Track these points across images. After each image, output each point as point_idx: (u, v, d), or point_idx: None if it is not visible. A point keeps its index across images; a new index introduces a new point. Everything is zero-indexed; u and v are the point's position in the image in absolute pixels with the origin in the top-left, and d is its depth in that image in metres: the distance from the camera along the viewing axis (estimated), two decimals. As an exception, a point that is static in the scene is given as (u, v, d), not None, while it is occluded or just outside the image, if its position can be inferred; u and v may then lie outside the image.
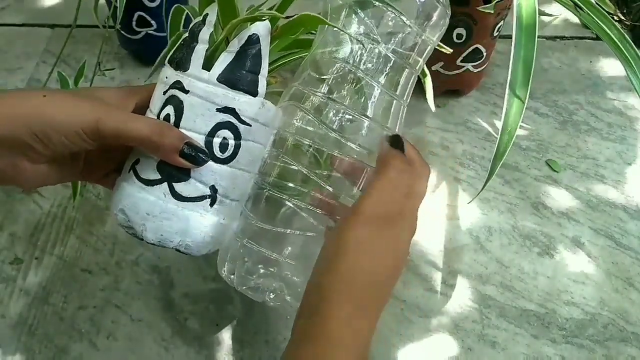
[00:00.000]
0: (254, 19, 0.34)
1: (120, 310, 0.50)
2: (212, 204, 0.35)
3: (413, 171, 0.35)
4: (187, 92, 0.34)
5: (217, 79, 0.34)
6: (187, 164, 0.33)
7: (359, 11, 0.36)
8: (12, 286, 0.52)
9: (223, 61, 0.34)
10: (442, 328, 0.50)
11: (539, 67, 0.76)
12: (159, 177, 0.34)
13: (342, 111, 0.37)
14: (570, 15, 0.82)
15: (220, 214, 0.36)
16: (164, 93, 0.35)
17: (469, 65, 0.65)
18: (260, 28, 0.34)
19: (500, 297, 0.52)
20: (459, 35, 0.61)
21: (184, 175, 0.34)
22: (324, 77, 0.37)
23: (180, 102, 0.34)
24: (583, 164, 0.64)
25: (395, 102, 0.38)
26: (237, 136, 0.35)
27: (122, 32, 0.71)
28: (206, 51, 0.35)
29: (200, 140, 0.34)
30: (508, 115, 0.45)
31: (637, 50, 0.50)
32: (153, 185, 0.34)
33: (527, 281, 0.53)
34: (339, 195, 0.38)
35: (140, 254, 0.54)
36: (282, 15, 0.36)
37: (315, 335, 0.30)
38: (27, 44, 0.80)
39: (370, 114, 0.37)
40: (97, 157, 0.38)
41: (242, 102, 0.34)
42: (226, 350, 0.48)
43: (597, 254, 0.55)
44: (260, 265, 0.38)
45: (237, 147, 0.35)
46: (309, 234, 0.37)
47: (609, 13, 0.51)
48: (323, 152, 0.37)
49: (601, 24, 0.51)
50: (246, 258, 0.38)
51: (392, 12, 0.36)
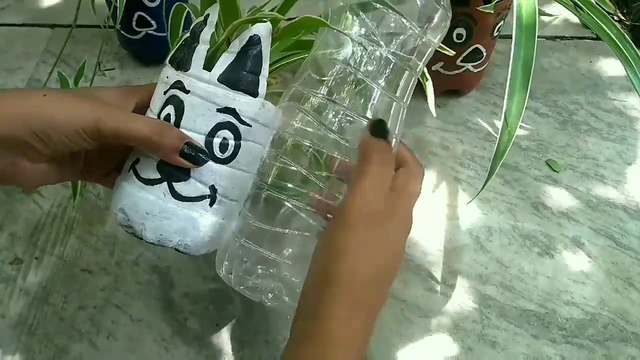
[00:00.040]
0: (255, 20, 0.34)
1: (120, 310, 0.50)
2: (211, 204, 0.35)
3: (393, 160, 0.34)
4: (187, 92, 0.34)
5: (218, 80, 0.34)
6: (187, 163, 0.33)
7: (360, 13, 0.36)
8: (12, 286, 0.52)
9: (224, 62, 0.34)
10: (442, 328, 0.50)
11: (539, 67, 0.76)
12: (158, 176, 0.34)
13: (342, 112, 0.37)
14: (570, 15, 0.82)
15: (220, 214, 0.36)
16: (165, 93, 0.35)
17: (469, 65, 0.65)
18: (262, 29, 0.34)
19: (500, 297, 0.52)
20: (459, 35, 0.61)
21: (184, 175, 0.34)
22: (324, 78, 0.37)
23: (181, 102, 0.34)
24: (583, 164, 0.64)
25: (395, 103, 0.38)
26: (237, 136, 0.35)
27: (122, 32, 0.71)
28: (207, 51, 0.35)
29: (200, 140, 0.34)
30: (508, 115, 0.45)
31: (637, 50, 0.50)
32: (153, 185, 0.34)
33: (527, 281, 0.53)
34: (338, 197, 0.38)
35: (140, 254, 0.54)
36: (284, 17, 0.36)
37: (315, 336, 0.30)
38: (27, 44, 0.80)
39: (369, 115, 0.37)
40: (97, 156, 0.38)
41: (242, 102, 0.34)
42: (226, 350, 0.48)
43: (597, 254, 0.55)
44: (258, 265, 0.38)
45: (237, 147, 0.35)
46: (307, 235, 0.37)
47: (609, 13, 0.51)
48: (322, 153, 0.37)
49: (601, 24, 0.51)
50: (245, 258, 0.38)
51: (393, 14, 0.36)
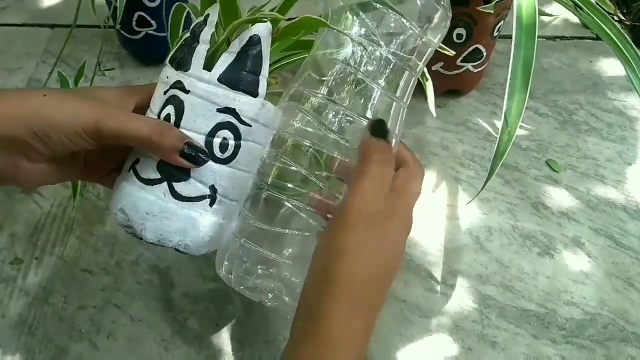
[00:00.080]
0: (255, 20, 0.34)
1: (120, 310, 0.50)
2: (211, 204, 0.35)
3: (393, 160, 0.34)
4: (187, 92, 0.34)
5: (218, 80, 0.34)
6: (187, 163, 0.33)
7: (360, 13, 0.36)
8: (12, 286, 0.52)
9: (224, 62, 0.34)
10: (442, 328, 0.50)
11: (539, 67, 0.76)
12: (158, 176, 0.34)
13: (342, 112, 0.37)
14: (570, 15, 0.82)
15: (220, 214, 0.36)
16: (165, 93, 0.35)
17: (469, 65, 0.65)
18: (262, 29, 0.34)
19: (500, 297, 0.52)
20: (459, 35, 0.61)
21: (184, 175, 0.34)
22: (324, 78, 0.37)
23: (181, 102, 0.34)
24: (583, 164, 0.64)
25: (395, 103, 0.38)
26: (237, 136, 0.35)
27: (122, 32, 0.71)
28: (207, 51, 0.35)
29: (200, 140, 0.34)
30: (508, 115, 0.45)
31: (637, 50, 0.50)
32: (153, 185, 0.34)
33: (527, 281, 0.53)
34: (338, 197, 0.38)
35: (140, 254, 0.54)
36: (284, 17, 0.36)
37: (314, 336, 0.30)
38: (27, 44, 0.80)
39: (369, 115, 0.37)
40: (97, 156, 0.38)
41: (242, 102, 0.34)
42: (226, 350, 0.48)
43: (597, 254, 0.55)
44: (258, 265, 0.38)
45: (237, 147, 0.35)
46: (307, 235, 0.37)
47: (609, 13, 0.51)
48: (322, 153, 0.37)
49: (601, 24, 0.51)
50: (245, 258, 0.38)
51: (393, 14, 0.36)
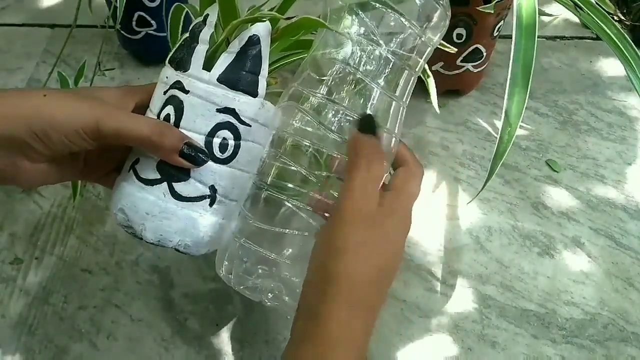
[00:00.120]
0: (254, 20, 0.34)
1: (120, 310, 0.50)
2: (211, 204, 0.35)
3: (383, 155, 0.34)
4: (187, 92, 0.34)
5: (218, 80, 0.34)
6: (186, 164, 0.33)
7: (360, 12, 0.36)
8: (12, 286, 0.52)
9: (223, 62, 0.34)
10: (442, 328, 0.50)
11: (539, 67, 0.76)
12: (158, 176, 0.34)
13: (342, 112, 0.37)
14: (570, 15, 0.82)
15: (220, 214, 0.36)
16: (164, 93, 0.35)
17: (469, 65, 0.65)
18: (261, 29, 0.34)
19: (500, 297, 0.52)
20: (459, 35, 0.61)
21: (184, 175, 0.34)
22: (324, 78, 0.37)
23: (181, 102, 0.34)
24: (583, 164, 0.64)
25: (394, 103, 0.38)
26: (237, 136, 0.35)
27: (122, 32, 0.71)
28: (207, 52, 0.35)
29: (200, 140, 0.34)
30: (508, 115, 0.45)
31: (637, 50, 0.50)
32: (153, 185, 0.34)
33: (527, 281, 0.53)
34: (338, 196, 0.38)
35: (140, 254, 0.54)
36: (283, 17, 0.36)
37: (315, 336, 0.30)
38: (27, 44, 0.80)
39: (369, 114, 0.37)
40: (97, 156, 0.38)
41: (242, 102, 0.34)
42: (226, 350, 0.48)
43: (597, 254, 0.55)
44: (258, 265, 0.38)
45: (237, 147, 0.35)
46: (307, 235, 0.37)
47: (609, 13, 0.51)
48: (322, 152, 0.37)
49: (601, 24, 0.51)
50: (244, 258, 0.38)
51: (393, 13, 0.36)
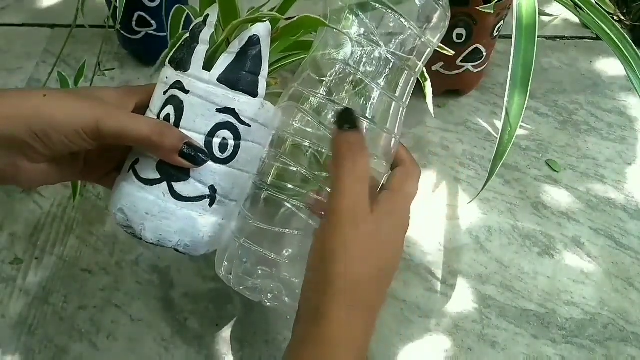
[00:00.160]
0: (254, 20, 0.34)
1: (120, 310, 0.50)
2: (211, 204, 0.35)
3: (365, 149, 0.33)
4: (187, 92, 0.34)
5: (218, 80, 0.34)
6: (186, 163, 0.33)
7: (360, 13, 0.36)
8: (12, 286, 0.52)
9: (223, 62, 0.34)
10: (442, 328, 0.50)
11: (539, 67, 0.76)
12: (158, 176, 0.34)
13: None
14: (570, 15, 0.82)
15: (219, 214, 0.36)
16: (164, 93, 0.35)
17: (469, 65, 0.65)
18: (261, 29, 0.34)
19: (500, 297, 0.52)
20: (459, 35, 0.61)
21: (184, 175, 0.34)
22: (324, 78, 0.37)
23: (181, 102, 0.34)
24: (583, 164, 0.64)
25: (394, 103, 0.38)
26: (237, 136, 0.35)
27: (122, 32, 0.71)
28: (207, 52, 0.35)
29: (200, 140, 0.34)
30: (508, 116, 0.45)
31: (637, 50, 0.50)
32: (152, 185, 0.34)
33: (527, 281, 0.53)
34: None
35: (140, 254, 0.54)
36: (283, 17, 0.36)
37: (315, 337, 0.30)
38: (27, 44, 0.80)
39: (369, 115, 0.37)
40: (96, 156, 0.38)
41: (242, 102, 0.34)
42: (226, 350, 0.48)
43: (597, 254, 0.55)
44: (258, 266, 0.38)
45: (237, 147, 0.35)
46: (307, 235, 0.37)
47: (609, 13, 0.51)
48: (322, 153, 0.37)
49: (601, 24, 0.51)
50: (244, 258, 0.38)
51: (393, 14, 0.36)
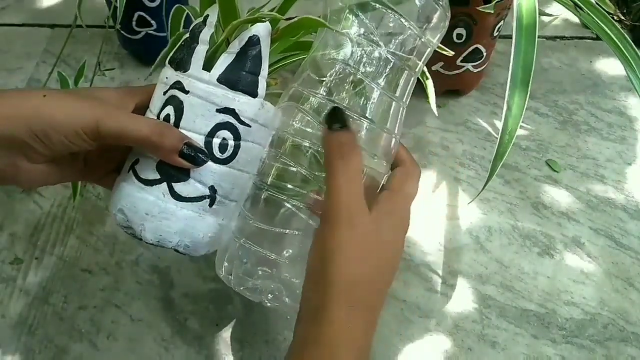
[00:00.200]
0: (254, 21, 0.34)
1: (120, 310, 0.50)
2: (211, 204, 0.35)
3: (356, 148, 0.33)
4: (187, 92, 0.34)
5: (217, 80, 0.34)
6: (186, 164, 0.33)
7: (360, 13, 0.36)
8: (12, 286, 0.52)
9: (223, 62, 0.34)
10: (442, 328, 0.50)
11: (539, 67, 0.76)
12: (158, 177, 0.34)
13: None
14: (570, 15, 0.82)
15: (219, 215, 0.36)
16: (164, 93, 0.35)
17: (469, 65, 0.65)
18: (261, 29, 0.34)
19: (500, 297, 0.52)
20: (459, 35, 0.61)
21: (184, 175, 0.34)
22: (324, 78, 0.37)
23: (180, 103, 0.34)
24: (583, 164, 0.64)
25: (394, 103, 0.38)
26: (237, 137, 0.35)
27: (122, 32, 0.71)
28: (206, 52, 0.35)
29: (199, 140, 0.34)
30: (508, 116, 0.45)
31: (637, 50, 0.50)
32: (152, 185, 0.34)
33: (527, 281, 0.53)
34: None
35: (140, 254, 0.54)
36: (283, 17, 0.36)
37: (316, 337, 0.30)
38: (27, 44, 0.80)
39: (369, 115, 0.37)
40: (96, 157, 0.38)
41: (241, 102, 0.34)
42: (226, 350, 0.48)
43: (597, 254, 0.55)
44: (258, 266, 0.38)
45: (237, 147, 0.35)
46: (307, 235, 0.37)
47: (609, 13, 0.51)
48: (322, 153, 0.37)
49: (601, 24, 0.51)
50: (244, 259, 0.38)
51: (392, 14, 0.36)
